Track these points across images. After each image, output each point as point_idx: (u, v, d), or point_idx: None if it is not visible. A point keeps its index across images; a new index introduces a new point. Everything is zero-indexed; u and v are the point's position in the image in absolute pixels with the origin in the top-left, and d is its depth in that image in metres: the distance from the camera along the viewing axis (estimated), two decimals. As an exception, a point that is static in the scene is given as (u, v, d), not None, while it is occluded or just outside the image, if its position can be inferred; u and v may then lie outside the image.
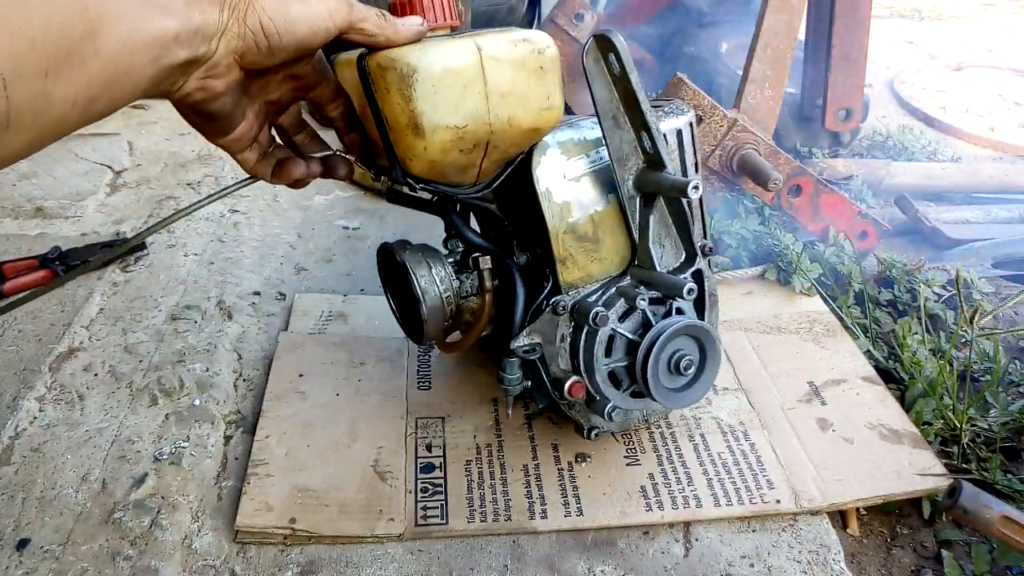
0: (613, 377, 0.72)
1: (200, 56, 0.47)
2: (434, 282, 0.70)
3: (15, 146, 0.38)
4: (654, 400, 0.70)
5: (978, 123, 1.89)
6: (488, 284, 0.72)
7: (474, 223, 0.79)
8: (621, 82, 0.63)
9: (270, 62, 0.51)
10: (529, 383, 0.75)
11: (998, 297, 1.12)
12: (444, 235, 0.76)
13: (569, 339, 0.71)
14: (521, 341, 0.70)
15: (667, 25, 1.80)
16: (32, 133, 0.38)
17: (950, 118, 1.89)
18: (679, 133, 0.73)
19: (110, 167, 1.39)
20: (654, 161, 0.66)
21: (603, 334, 0.69)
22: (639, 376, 0.69)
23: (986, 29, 2.75)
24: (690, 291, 0.67)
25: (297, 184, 0.63)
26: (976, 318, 0.96)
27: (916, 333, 1.01)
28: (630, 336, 0.70)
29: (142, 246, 1.14)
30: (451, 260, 0.73)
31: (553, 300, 0.69)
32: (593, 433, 0.76)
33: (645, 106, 0.64)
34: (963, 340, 1.03)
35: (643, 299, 0.69)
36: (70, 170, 1.35)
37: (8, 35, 0.35)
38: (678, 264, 0.73)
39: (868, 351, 0.99)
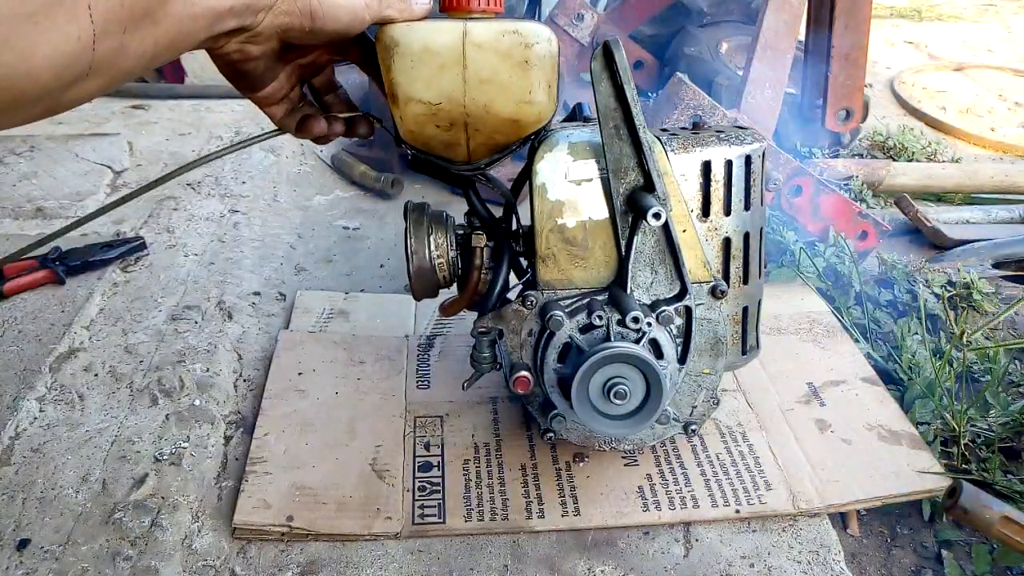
0: (563, 385, 0.71)
1: (245, 26, 0.51)
2: (426, 245, 0.72)
3: (89, 91, 0.42)
4: (573, 411, 0.68)
5: (978, 123, 1.88)
6: (478, 261, 0.73)
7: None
8: (620, 94, 0.63)
9: (309, 41, 0.56)
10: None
11: (999, 297, 1.12)
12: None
13: (535, 335, 0.71)
14: (484, 322, 0.71)
15: (667, 25, 1.80)
16: (105, 80, 0.42)
17: (950, 118, 1.89)
18: (728, 164, 0.68)
19: (110, 167, 1.39)
20: (649, 181, 0.65)
21: (559, 339, 0.68)
22: (569, 383, 0.67)
23: (986, 29, 2.75)
24: (634, 319, 0.65)
25: (319, 140, 0.68)
26: (984, 330, 0.96)
27: (916, 334, 1.01)
28: (585, 348, 0.69)
29: (143, 245, 1.14)
30: (460, 232, 0.74)
31: (525, 293, 0.70)
32: (547, 436, 0.76)
33: (639, 120, 0.63)
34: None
35: (601, 315, 0.67)
36: (70, 170, 1.35)
37: None
38: (669, 295, 0.69)
39: (867, 352, 0.99)
